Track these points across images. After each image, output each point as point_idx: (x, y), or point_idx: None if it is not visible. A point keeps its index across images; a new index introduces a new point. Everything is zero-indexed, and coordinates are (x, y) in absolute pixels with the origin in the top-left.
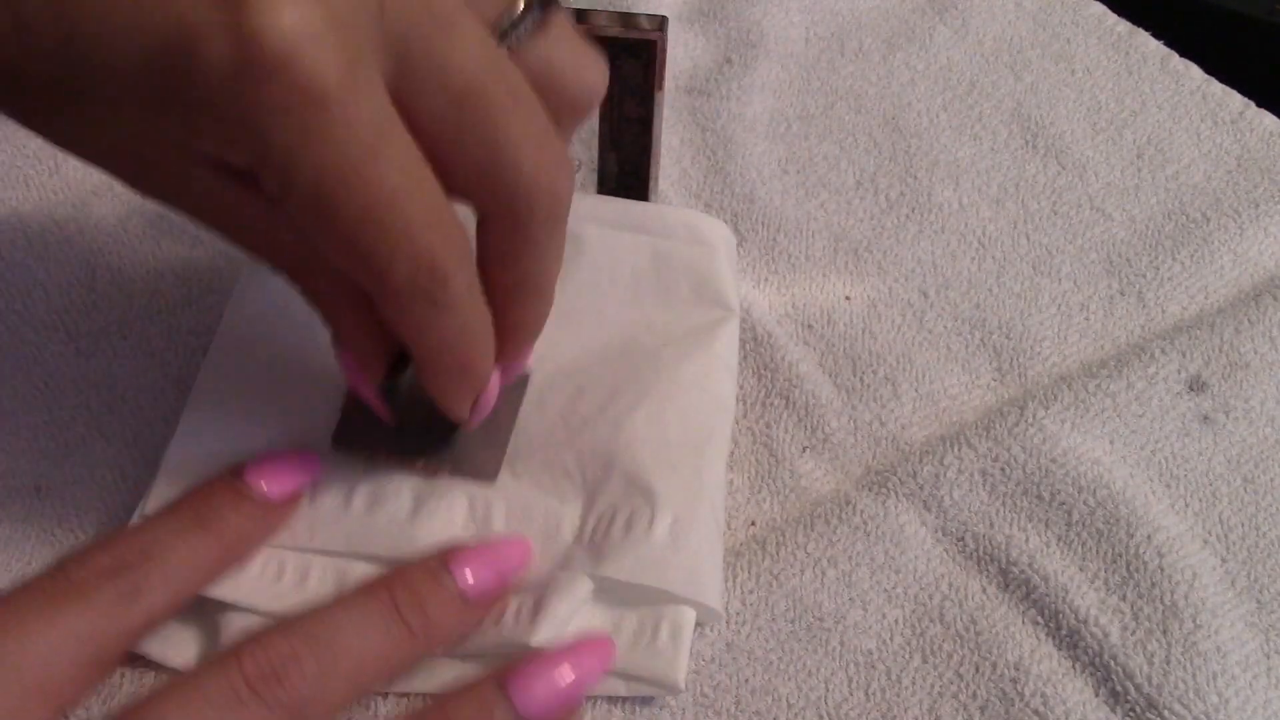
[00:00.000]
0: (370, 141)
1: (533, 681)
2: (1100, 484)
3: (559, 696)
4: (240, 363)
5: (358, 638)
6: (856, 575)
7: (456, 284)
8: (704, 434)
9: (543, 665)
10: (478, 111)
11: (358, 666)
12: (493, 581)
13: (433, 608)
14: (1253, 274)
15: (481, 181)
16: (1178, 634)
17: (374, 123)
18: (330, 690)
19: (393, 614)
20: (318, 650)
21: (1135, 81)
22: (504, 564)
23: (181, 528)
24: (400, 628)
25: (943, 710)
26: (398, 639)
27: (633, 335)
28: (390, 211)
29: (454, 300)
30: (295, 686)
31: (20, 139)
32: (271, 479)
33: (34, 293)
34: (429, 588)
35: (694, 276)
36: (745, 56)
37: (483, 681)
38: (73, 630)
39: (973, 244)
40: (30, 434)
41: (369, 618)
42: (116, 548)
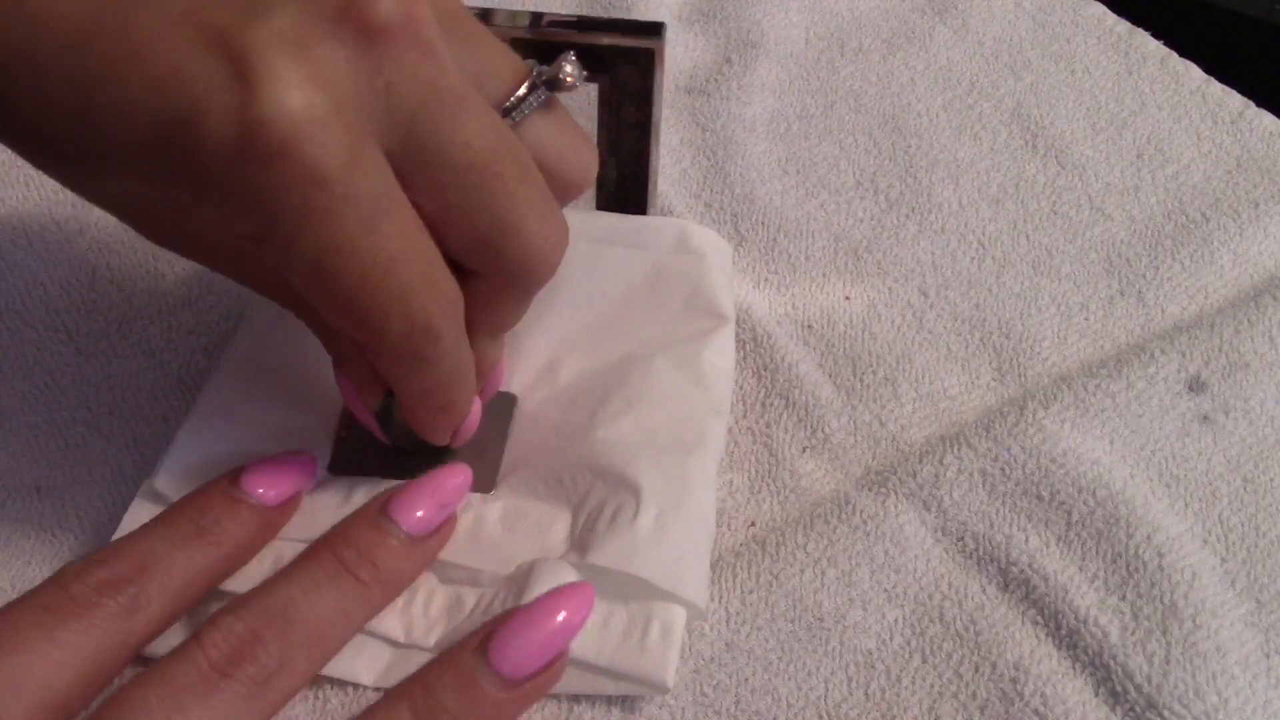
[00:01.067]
0: (369, 215)
1: (511, 640)
2: (1100, 484)
3: (540, 652)
4: (253, 370)
5: (311, 603)
6: (856, 575)
7: (446, 341)
8: (694, 436)
9: (520, 622)
10: (484, 185)
11: (317, 631)
12: (435, 513)
13: (380, 556)
14: (1253, 274)
15: (483, 249)
16: (1177, 634)
17: (374, 198)
18: (295, 659)
19: (340, 571)
20: (275, 623)
21: (1135, 81)
22: (443, 494)
23: (179, 537)
24: (351, 583)
25: (942, 710)
26: (352, 595)
27: (626, 350)
28: (386, 279)
29: (443, 355)
30: (261, 662)
31: None
32: (269, 484)
33: (34, 293)
34: (372, 537)
35: (686, 287)
36: (745, 56)
37: (460, 646)
38: (74, 646)
39: (973, 244)
40: (30, 434)
41: (317, 581)
42: (115, 561)
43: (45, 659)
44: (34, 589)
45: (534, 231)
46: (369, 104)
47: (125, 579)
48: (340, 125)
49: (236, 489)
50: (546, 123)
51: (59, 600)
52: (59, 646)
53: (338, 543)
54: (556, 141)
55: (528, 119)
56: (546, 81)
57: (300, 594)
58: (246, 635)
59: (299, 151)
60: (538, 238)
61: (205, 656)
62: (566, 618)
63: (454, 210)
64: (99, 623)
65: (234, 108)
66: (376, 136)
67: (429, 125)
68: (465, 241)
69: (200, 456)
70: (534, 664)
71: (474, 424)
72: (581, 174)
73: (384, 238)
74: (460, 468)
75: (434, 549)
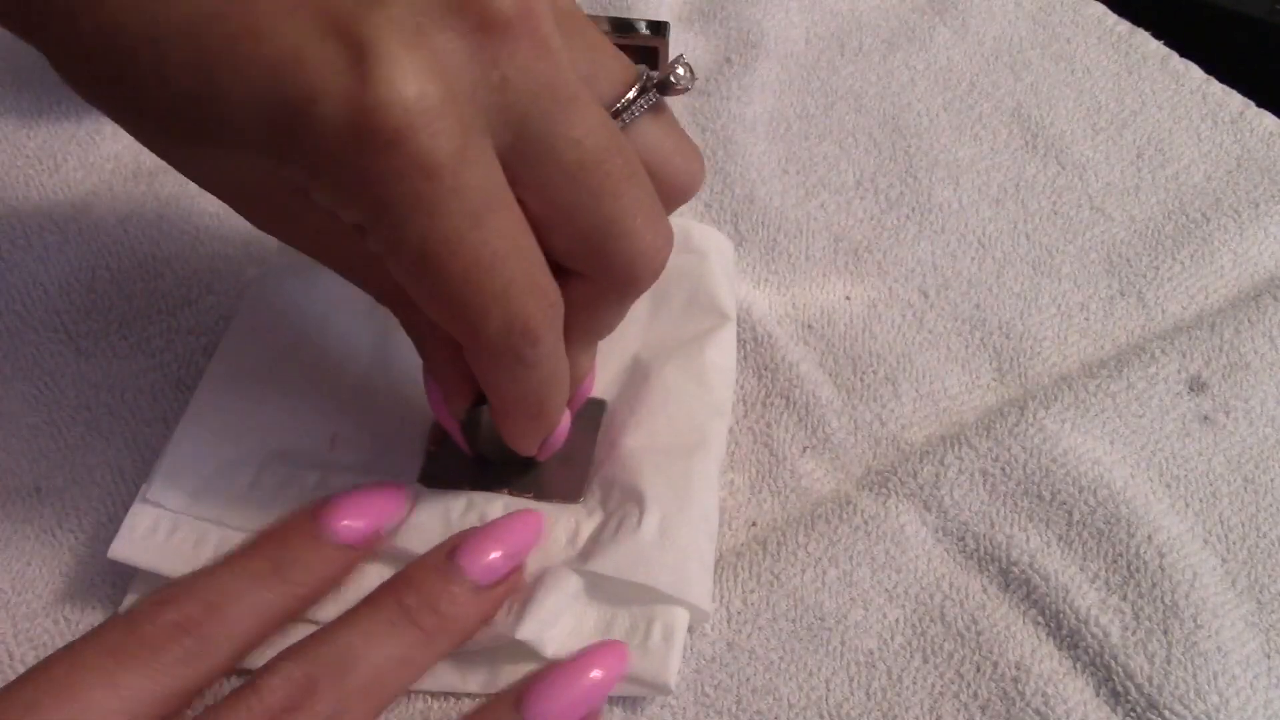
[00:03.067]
0: (477, 210)
1: (547, 696)
2: (1101, 484)
3: (575, 708)
4: (246, 367)
5: (370, 651)
6: (857, 575)
7: (545, 344)
8: (696, 438)
9: (556, 679)
10: (594, 184)
11: (376, 680)
12: (503, 564)
13: (444, 604)
14: (1253, 274)
15: (589, 250)
16: (1178, 634)
17: (482, 192)
18: (351, 707)
19: (403, 619)
20: (333, 671)
21: (1135, 81)
22: (512, 542)
23: (254, 575)
24: (413, 632)
25: (943, 710)
26: (413, 643)
27: (628, 351)
28: (490, 275)
29: (541, 359)
30: (317, 710)
31: (20, 139)
32: (352, 521)
33: (34, 293)
34: (437, 585)
35: (687, 286)
36: (745, 56)
37: (497, 701)
38: (135, 691)
39: (973, 244)
40: (30, 434)
41: (378, 628)
42: (185, 601)
43: (105, 705)
44: (100, 628)
45: (641, 232)
46: (483, 97)
47: (194, 621)
48: (454, 117)
49: (318, 526)
50: (656, 126)
51: (124, 642)
52: (120, 692)
53: (402, 589)
54: (665, 145)
55: (637, 121)
56: (658, 84)
57: (360, 641)
58: (304, 682)
59: (411, 140)
60: (645, 238)
61: (261, 703)
62: (600, 676)
63: (561, 209)
64: (162, 668)
65: (350, 93)
66: (488, 131)
67: (542, 122)
68: (570, 241)
69: (194, 463)
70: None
71: (562, 435)
72: (689, 179)
73: (490, 233)
74: (533, 516)
75: (500, 597)
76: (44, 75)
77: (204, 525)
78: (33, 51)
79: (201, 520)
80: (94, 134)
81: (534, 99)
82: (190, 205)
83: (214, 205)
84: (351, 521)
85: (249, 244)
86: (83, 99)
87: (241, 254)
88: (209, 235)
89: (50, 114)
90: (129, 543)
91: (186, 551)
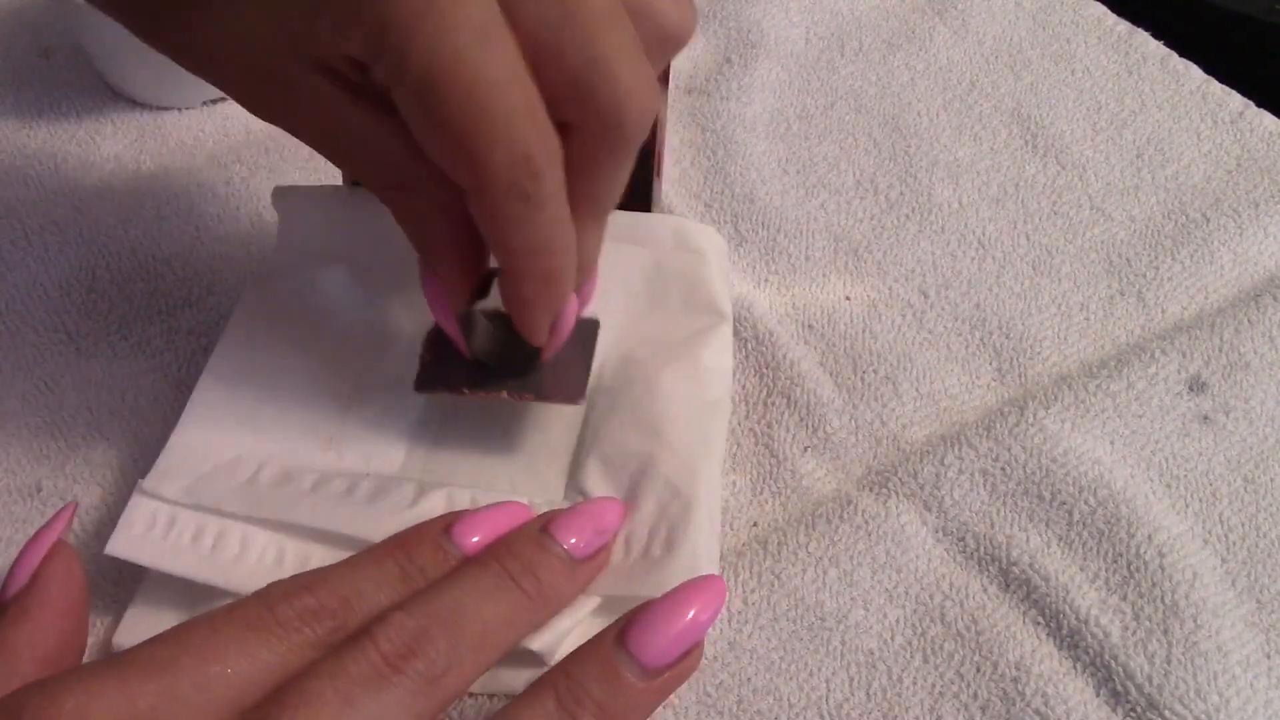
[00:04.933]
0: (478, 33)
1: (651, 631)
2: (1101, 484)
3: (680, 641)
4: (243, 368)
5: (479, 608)
6: (858, 575)
7: (548, 181)
8: (698, 439)
9: (659, 613)
10: (580, 22)
11: (484, 636)
12: (594, 540)
13: (543, 571)
14: (1253, 274)
15: (576, 91)
16: (1178, 634)
17: (482, 17)
18: (463, 661)
19: (506, 581)
20: (445, 623)
21: (1135, 81)
22: (601, 521)
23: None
24: (516, 593)
25: (944, 710)
26: (516, 605)
27: (625, 349)
28: (492, 100)
29: (545, 198)
30: (432, 659)
31: (20, 139)
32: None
33: (34, 293)
34: (535, 552)
35: (684, 285)
36: (745, 56)
37: (600, 638)
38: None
39: (973, 244)
40: (31, 434)
41: (485, 587)
42: (321, 591)
43: (241, 673)
44: (238, 603)
45: (626, 75)
46: None
47: (329, 611)
48: None
49: (447, 539)
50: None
51: (263, 619)
52: (256, 664)
53: (503, 554)
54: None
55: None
56: None
57: (468, 598)
58: (418, 633)
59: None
60: (629, 81)
61: (378, 650)
62: (700, 609)
63: (549, 48)
64: (296, 649)
65: None
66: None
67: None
68: (558, 86)
69: (191, 459)
70: (673, 653)
71: (569, 323)
72: (679, 25)
73: (491, 58)
74: (616, 502)
75: (591, 573)
76: (44, 75)
77: (203, 517)
78: (32, 51)
79: (199, 511)
80: (94, 134)
81: None
82: (190, 205)
83: (214, 206)
84: (480, 537)
85: (249, 244)
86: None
87: (242, 254)
88: (209, 235)
89: (50, 114)
90: (127, 539)
91: (185, 546)
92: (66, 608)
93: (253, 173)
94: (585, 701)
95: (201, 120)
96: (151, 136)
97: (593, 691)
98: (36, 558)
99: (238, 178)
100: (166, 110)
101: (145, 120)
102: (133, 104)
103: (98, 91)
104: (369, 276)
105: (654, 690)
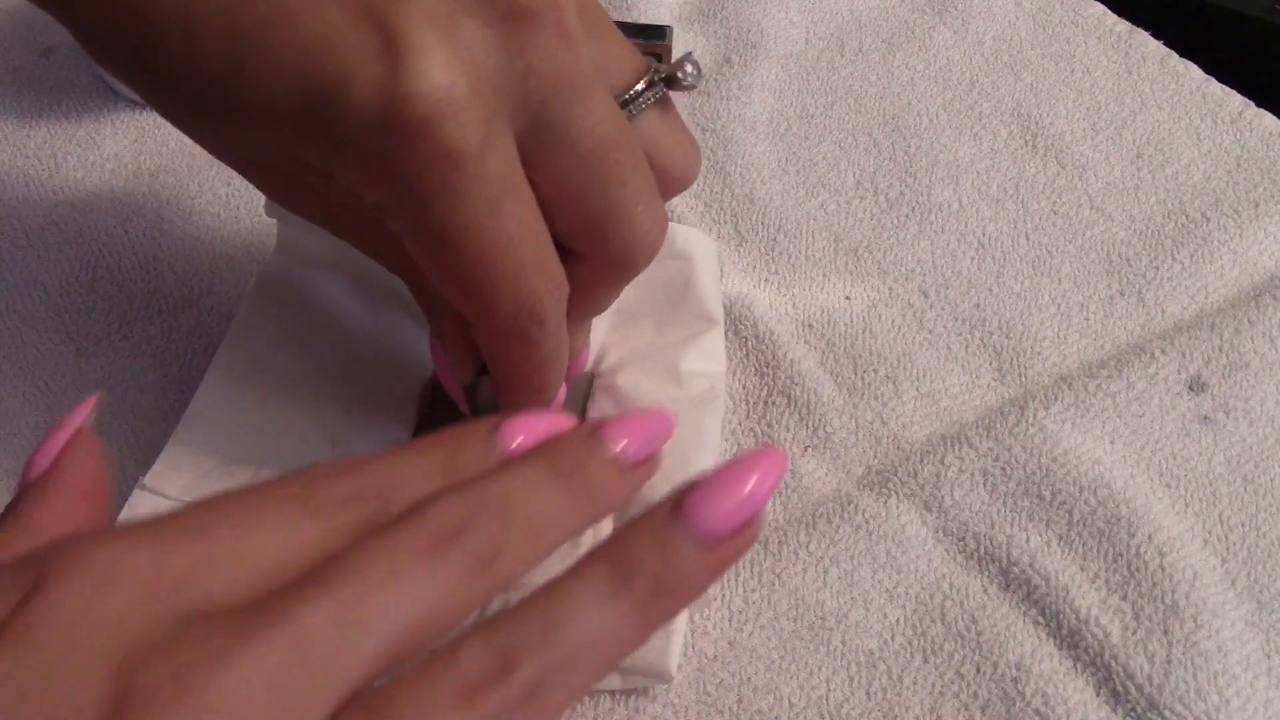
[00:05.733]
0: (495, 196)
1: (709, 500)
2: (1101, 484)
3: (738, 511)
4: (247, 368)
5: (528, 499)
6: (858, 575)
7: (551, 324)
8: (694, 440)
9: (716, 483)
10: (602, 170)
11: (532, 527)
12: (645, 448)
13: (592, 471)
14: (1253, 274)
15: (592, 233)
16: (1179, 634)
17: (501, 179)
18: (512, 548)
19: (556, 475)
20: (494, 510)
21: (1135, 81)
22: (652, 430)
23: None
24: (565, 490)
25: (944, 710)
26: (565, 500)
27: (617, 359)
28: (503, 259)
29: (546, 337)
30: (482, 541)
31: (20, 139)
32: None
33: (34, 293)
34: (586, 451)
35: (674, 292)
36: (745, 56)
37: (655, 509)
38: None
39: (973, 244)
40: (32, 434)
41: (534, 479)
42: (362, 477)
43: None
44: (278, 480)
45: (641, 218)
46: (507, 85)
47: (371, 495)
48: (479, 107)
49: (495, 437)
50: (660, 119)
51: (303, 497)
52: (294, 541)
53: (552, 451)
54: (667, 138)
55: (643, 113)
56: (665, 79)
57: (517, 489)
58: (467, 515)
59: (439, 130)
60: (644, 224)
61: (427, 527)
62: (759, 479)
63: (570, 193)
64: (335, 531)
65: (381, 80)
66: (509, 118)
67: (560, 110)
68: (574, 224)
69: (194, 458)
70: (731, 524)
71: (559, 407)
72: (686, 170)
73: (506, 219)
74: (667, 413)
75: (640, 479)
76: (44, 75)
77: None
78: (32, 51)
79: None
80: (94, 134)
81: (555, 88)
82: (190, 205)
83: (214, 206)
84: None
85: (250, 244)
86: (108, 75)
87: (242, 254)
88: (209, 235)
89: (50, 114)
90: None
91: None
92: (88, 490)
93: None
94: (639, 573)
95: None
96: (151, 136)
97: (647, 563)
98: (58, 443)
99: (238, 178)
100: None
101: (145, 120)
102: (133, 104)
103: (98, 91)
104: (370, 279)
105: (712, 562)
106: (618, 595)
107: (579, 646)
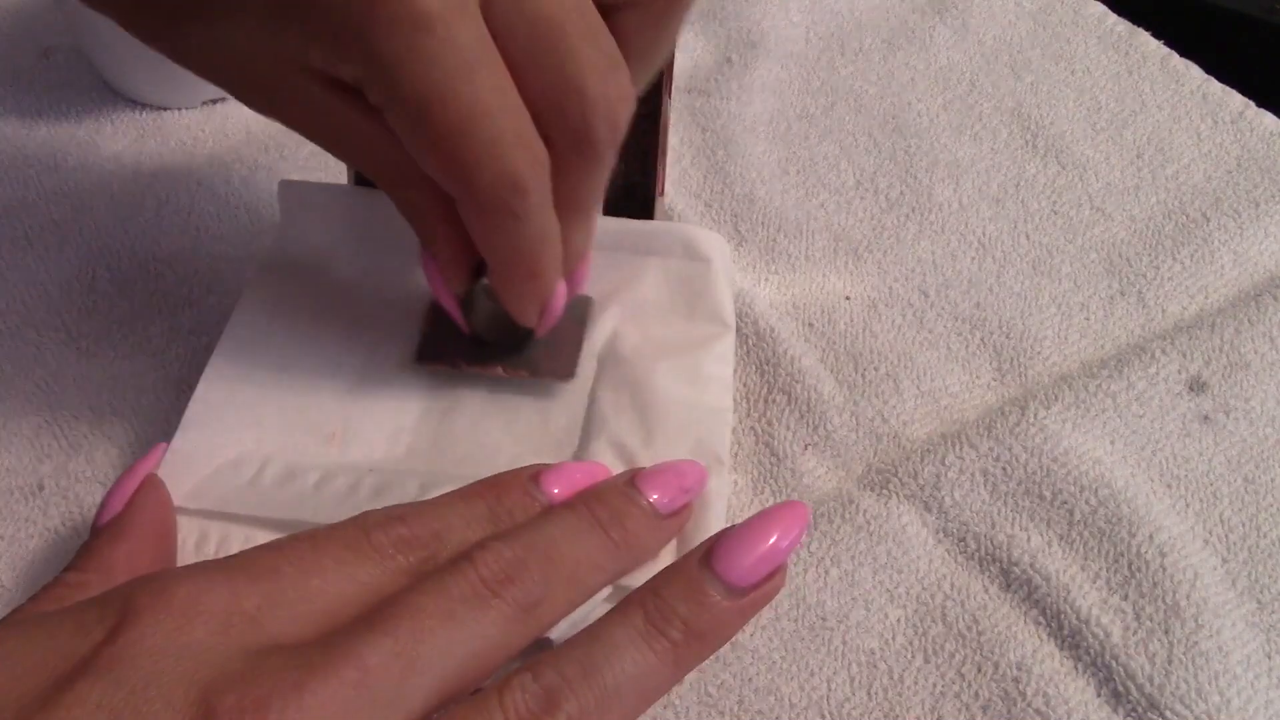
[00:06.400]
0: (467, 62)
1: (737, 552)
2: (1101, 484)
3: (765, 562)
4: (244, 367)
5: (572, 546)
6: (859, 575)
7: (534, 197)
8: (702, 447)
9: (743, 536)
10: (552, 40)
11: (576, 573)
12: (679, 498)
13: (630, 521)
14: (1253, 274)
15: (549, 105)
16: (1179, 634)
17: (471, 46)
18: (556, 595)
19: (595, 525)
20: (540, 556)
21: (1135, 81)
22: (686, 481)
23: (474, 519)
24: (604, 539)
25: (945, 710)
26: (604, 549)
27: (631, 357)
28: (481, 126)
29: (530, 211)
30: (529, 588)
31: (20, 139)
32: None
33: (34, 293)
34: (623, 503)
35: (690, 294)
36: (745, 56)
37: (686, 560)
38: (366, 587)
39: (973, 244)
40: (33, 433)
41: (576, 528)
42: (415, 523)
43: (339, 588)
44: (336, 526)
45: (595, 88)
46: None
47: (421, 541)
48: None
49: (535, 487)
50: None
51: (360, 543)
52: (354, 583)
53: (592, 501)
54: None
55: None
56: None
57: (561, 536)
58: (515, 561)
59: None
60: (596, 96)
61: (477, 573)
62: (782, 532)
63: (526, 68)
64: (390, 574)
65: None
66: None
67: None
68: (535, 100)
69: (193, 461)
70: (757, 574)
71: (558, 307)
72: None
73: (479, 88)
74: (698, 465)
75: (673, 530)
76: (44, 75)
77: (205, 523)
78: (32, 51)
79: (202, 516)
80: (94, 134)
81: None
82: (190, 205)
83: (214, 205)
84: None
85: (249, 244)
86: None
87: (242, 254)
88: (209, 235)
89: (50, 114)
90: None
91: (188, 551)
92: (158, 532)
93: (252, 172)
94: (673, 618)
95: (201, 120)
96: (151, 136)
97: (680, 609)
98: (130, 487)
99: (237, 177)
100: (166, 110)
101: (145, 120)
102: (133, 104)
103: (98, 91)
104: (371, 271)
105: (740, 609)
106: (654, 639)
107: (618, 686)
